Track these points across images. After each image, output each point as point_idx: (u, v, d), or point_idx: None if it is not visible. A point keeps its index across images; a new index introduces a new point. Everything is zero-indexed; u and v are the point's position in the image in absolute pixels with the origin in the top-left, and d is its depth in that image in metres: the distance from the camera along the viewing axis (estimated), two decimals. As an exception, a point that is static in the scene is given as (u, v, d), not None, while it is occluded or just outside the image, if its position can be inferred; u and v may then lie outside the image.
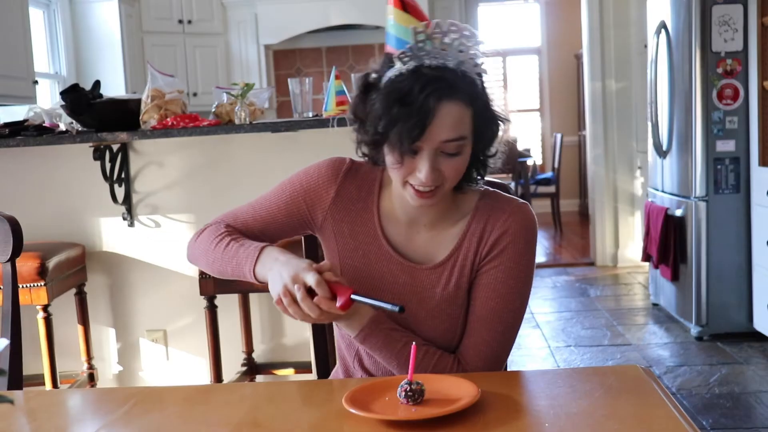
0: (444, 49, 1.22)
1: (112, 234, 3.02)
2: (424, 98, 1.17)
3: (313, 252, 1.55)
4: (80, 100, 2.65)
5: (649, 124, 4.35)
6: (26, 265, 2.51)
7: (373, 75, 1.25)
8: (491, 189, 1.38)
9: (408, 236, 1.36)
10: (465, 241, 1.33)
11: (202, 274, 2.57)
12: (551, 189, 7.47)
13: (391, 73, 1.22)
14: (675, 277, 4.13)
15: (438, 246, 1.35)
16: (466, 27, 1.24)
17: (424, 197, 1.24)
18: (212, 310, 2.64)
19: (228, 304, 2.83)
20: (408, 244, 1.36)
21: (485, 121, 1.25)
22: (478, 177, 1.33)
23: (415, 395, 1.07)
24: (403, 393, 1.06)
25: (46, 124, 2.78)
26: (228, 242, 1.34)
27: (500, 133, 1.30)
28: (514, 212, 1.32)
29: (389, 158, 1.24)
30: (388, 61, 1.24)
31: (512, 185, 7.02)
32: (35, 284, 2.54)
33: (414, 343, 1.14)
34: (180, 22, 5.83)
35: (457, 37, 1.22)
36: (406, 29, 1.25)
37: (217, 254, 1.34)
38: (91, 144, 2.74)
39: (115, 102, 2.77)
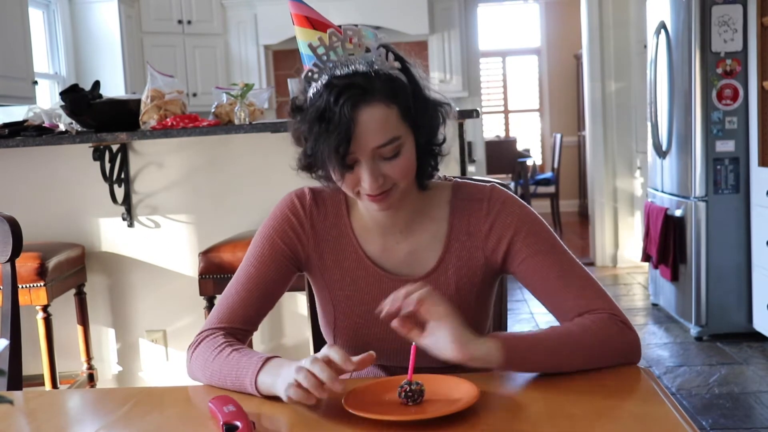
0: (351, 54, 1.19)
1: (112, 234, 3.02)
2: (340, 109, 1.14)
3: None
4: (80, 100, 2.65)
5: (649, 124, 4.36)
6: (26, 265, 2.51)
7: (299, 98, 1.24)
8: (459, 180, 1.35)
9: (388, 248, 1.32)
10: (453, 242, 1.30)
11: (202, 274, 2.57)
12: (551, 189, 7.48)
13: (310, 93, 1.20)
14: (675, 278, 4.13)
15: (423, 251, 1.31)
16: (362, 27, 1.21)
17: (380, 200, 1.22)
18: (212, 311, 2.63)
19: (228, 305, 2.82)
20: (390, 257, 1.32)
21: (417, 112, 1.22)
22: (434, 169, 1.30)
23: (415, 395, 1.06)
24: (403, 393, 1.06)
25: (46, 124, 2.78)
26: (229, 353, 1.21)
27: (442, 119, 1.27)
28: (493, 202, 1.30)
29: (333, 176, 1.22)
30: (306, 81, 1.21)
31: (512, 185, 7.02)
32: (35, 284, 2.54)
33: (414, 343, 1.12)
34: (179, 22, 5.83)
35: (357, 38, 1.19)
36: (306, 43, 1.23)
37: (216, 366, 1.21)
38: (90, 144, 2.74)
39: (114, 102, 2.77)
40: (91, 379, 2.93)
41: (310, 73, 1.20)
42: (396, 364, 1.32)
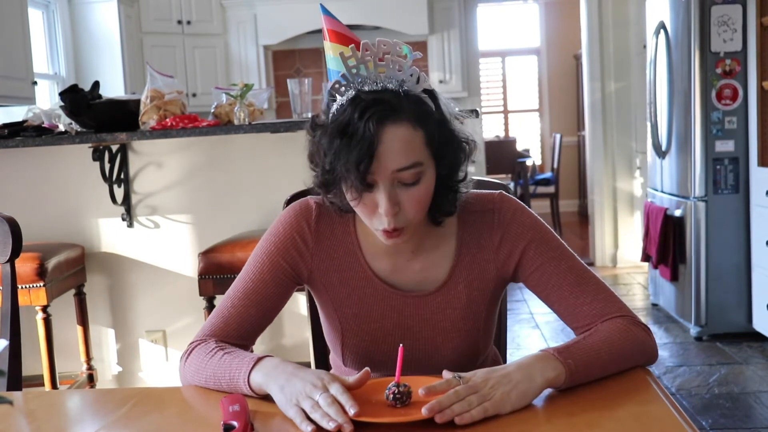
0: (381, 71, 1.14)
1: (112, 235, 3.02)
2: (365, 124, 1.09)
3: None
4: (79, 100, 2.65)
5: (649, 124, 4.36)
6: (25, 265, 2.51)
7: (321, 116, 1.19)
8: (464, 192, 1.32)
9: (397, 265, 1.29)
10: (463, 256, 1.28)
11: (201, 274, 2.57)
12: (550, 189, 7.47)
13: (333, 108, 1.15)
14: (674, 278, 4.13)
15: (432, 267, 1.29)
16: (398, 43, 1.15)
17: (394, 236, 1.17)
18: (211, 311, 2.63)
19: (227, 305, 2.82)
20: (401, 274, 1.29)
21: (443, 142, 1.17)
22: (451, 206, 1.24)
23: (403, 397, 1.05)
24: (391, 395, 1.05)
25: (45, 124, 2.78)
26: (221, 356, 1.19)
27: (464, 156, 1.21)
28: (503, 212, 1.28)
29: (348, 196, 1.17)
30: (330, 97, 1.17)
31: (511, 185, 7.02)
32: (34, 285, 2.54)
33: (401, 345, 1.11)
34: (179, 22, 5.83)
35: (391, 55, 1.14)
36: (338, 59, 1.16)
37: (210, 371, 1.19)
38: (90, 145, 2.74)
39: (114, 103, 2.77)
40: (91, 379, 2.93)
41: (337, 85, 1.16)
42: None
